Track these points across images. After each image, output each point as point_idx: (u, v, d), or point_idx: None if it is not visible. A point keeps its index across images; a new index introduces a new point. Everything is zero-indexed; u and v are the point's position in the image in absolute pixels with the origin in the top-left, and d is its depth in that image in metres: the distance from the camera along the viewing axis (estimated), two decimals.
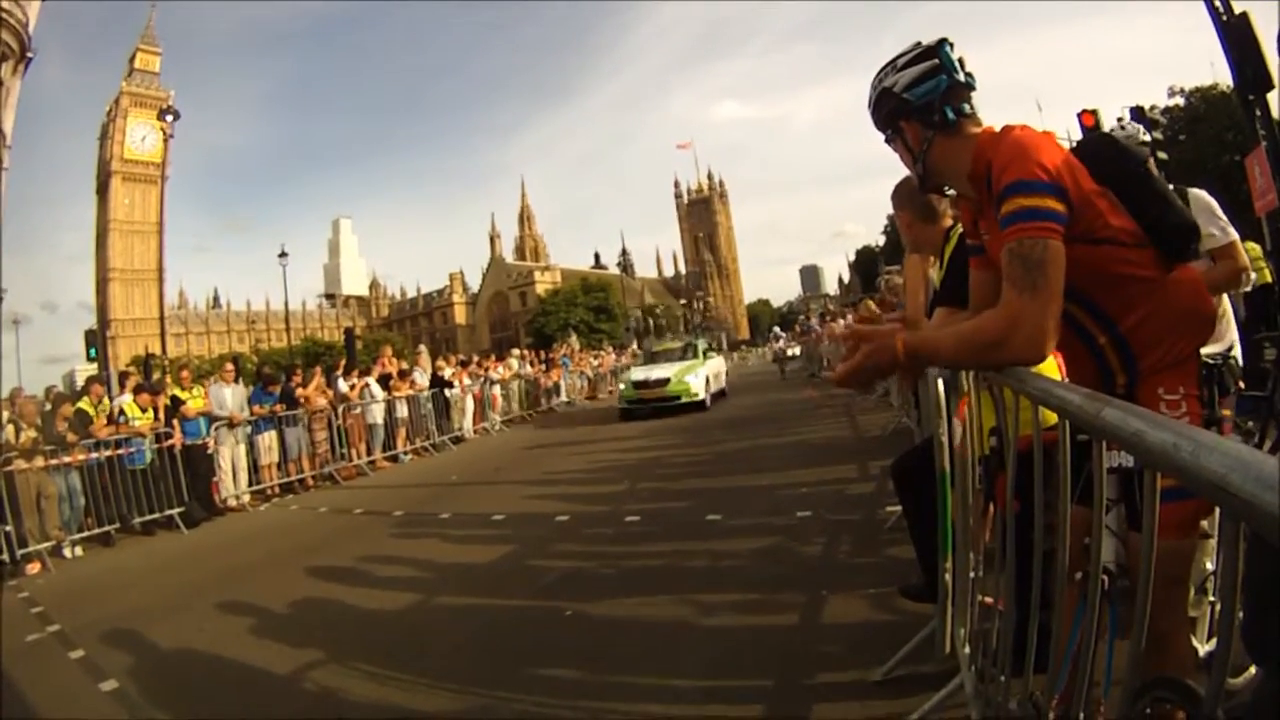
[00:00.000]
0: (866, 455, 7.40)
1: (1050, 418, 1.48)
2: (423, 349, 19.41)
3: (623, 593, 4.48)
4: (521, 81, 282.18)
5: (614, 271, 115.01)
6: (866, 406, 11.59)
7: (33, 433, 8.37)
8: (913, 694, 2.67)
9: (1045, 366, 2.28)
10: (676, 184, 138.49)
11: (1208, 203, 3.11)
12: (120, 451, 8.76)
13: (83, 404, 9.20)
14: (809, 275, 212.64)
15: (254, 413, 10.71)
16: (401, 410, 13.40)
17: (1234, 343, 3.27)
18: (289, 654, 4.05)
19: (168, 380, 12.52)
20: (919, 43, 1.84)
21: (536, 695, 3.24)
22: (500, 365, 19.23)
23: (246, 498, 10.29)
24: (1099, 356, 1.78)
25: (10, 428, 8.28)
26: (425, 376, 14.87)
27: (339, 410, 11.98)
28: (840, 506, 5.82)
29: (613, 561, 5.22)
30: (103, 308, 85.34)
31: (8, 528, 7.50)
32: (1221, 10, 9.55)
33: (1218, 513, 1.86)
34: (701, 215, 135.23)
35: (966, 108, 1.80)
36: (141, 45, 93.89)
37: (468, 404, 15.91)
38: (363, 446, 12.49)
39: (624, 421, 15.38)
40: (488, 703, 3.24)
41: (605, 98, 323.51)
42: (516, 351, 21.52)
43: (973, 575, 2.44)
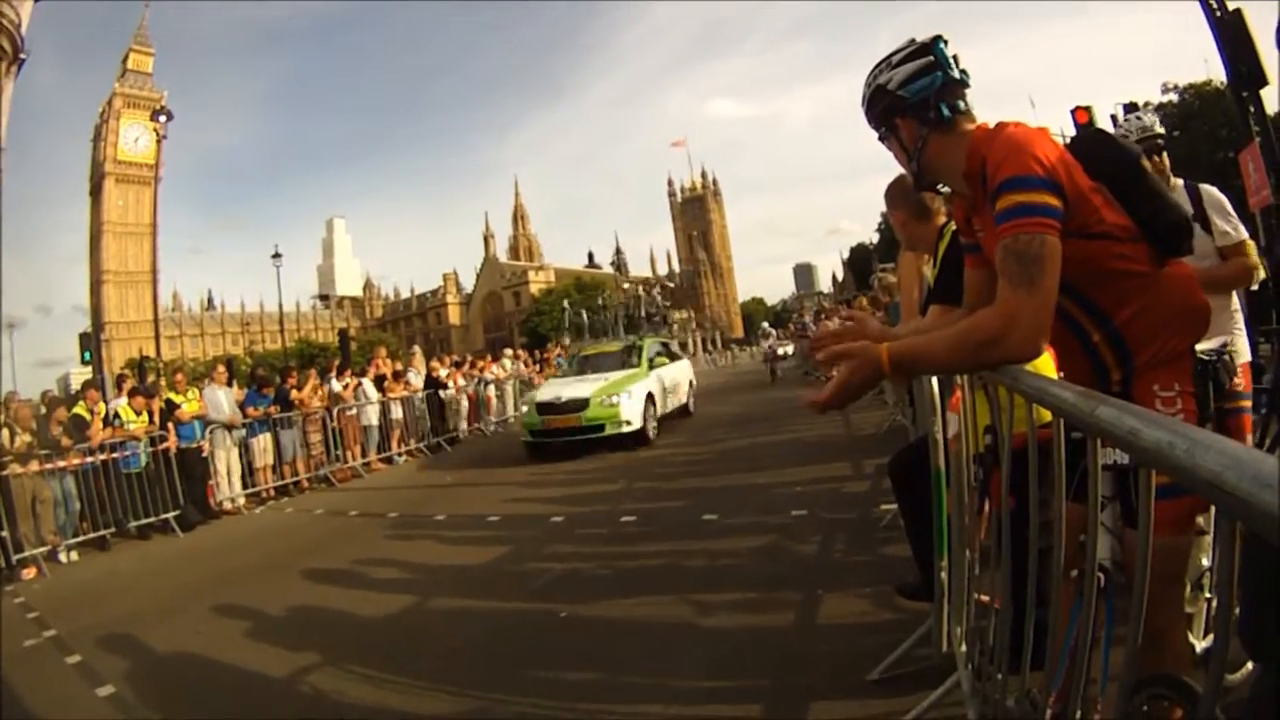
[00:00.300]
0: (861, 453, 7.41)
1: (1045, 415, 1.48)
2: (417, 350, 19.35)
3: (619, 593, 4.47)
4: (515, 81, 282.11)
5: (608, 271, 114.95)
6: (860, 404, 11.58)
7: (28, 437, 8.34)
8: (909, 692, 2.67)
9: (1040, 364, 2.29)
10: (670, 182, 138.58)
11: (1219, 199, 3.07)
12: (115, 455, 8.73)
13: (79, 409, 9.17)
14: (803, 273, 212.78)
15: (248, 415, 10.67)
16: (396, 412, 13.38)
17: (1228, 339, 3.26)
18: (285, 657, 4.04)
19: (162, 383, 12.48)
20: (913, 40, 1.83)
21: (533, 697, 3.24)
22: (495, 365, 19.19)
23: (242, 501, 10.27)
24: (1093, 353, 1.78)
25: (5, 432, 8.24)
26: (420, 377, 14.84)
27: (334, 412, 11.96)
28: (835, 505, 5.82)
29: (608, 562, 5.22)
30: (97, 310, 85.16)
31: (3, 533, 7.47)
32: (1215, 7, 9.58)
33: (1213, 509, 1.86)
34: (695, 214, 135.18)
35: (961, 105, 1.80)
36: (134, 46, 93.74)
37: (462, 404, 15.88)
38: (358, 449, 12.45)
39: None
40: (484, 704, 3.24)
41: (599, 96, 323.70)
42: (509, 352, 21.48)
43: (969, 573, 2.44)
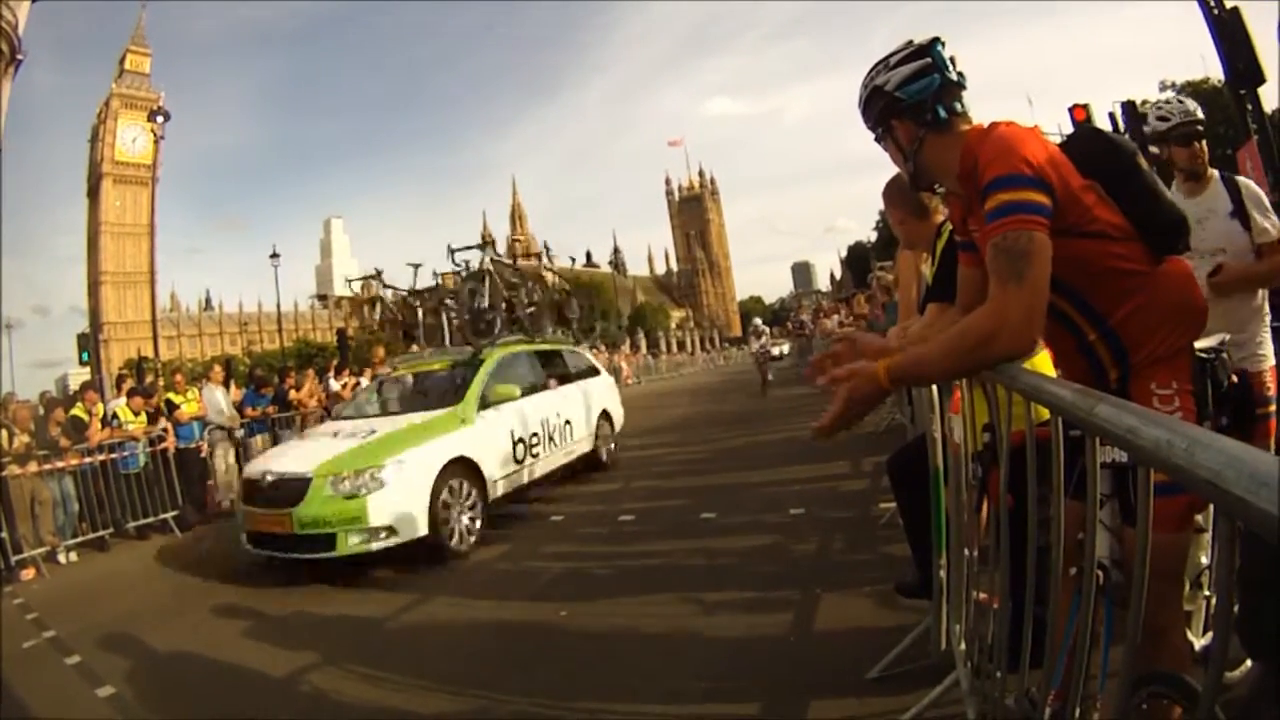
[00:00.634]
0: (859, 452, 7.40)
1: (1043, 413, 1.48)
2: (415, 349, 19.29)
3: (618, 592, 4.48)
4: (512, 79, 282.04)
5: (606, 270, 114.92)
6: None
7: (26, 438, 8.32)
8: (908, 691, 2.67)
9: (1038, 362, 2.29)
10: (668, 181, 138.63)
11: (1257, 193, 3.04)
12: (114, 455, 8.72)
13: (76, 410, 9.15)
14: (801, 272, 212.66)
15: (246, 415, 10.65)
16: None
17: (1226, 338, 3.24)
18: (285, 657, 4.04)
19: (160, 383, 12.46)
20: (910, 41, 1.83)
21: (533, 696, 3.24)
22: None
23: None
24: (1089, 352, 1.78)
25: (3, 433, 8.23)
26: None
27: (333, 411, 11.92)
28: (834, 504, 5.82)
29: (608, 561, 5.23)
30: (95, 311, 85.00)
31: (2, 534, 7.45)
32: (1213, 5, 9.59)
33: (1212, 507, 1.86)
34: (693, 212, 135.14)
35: (958, 106, 1.80)
36: (132, 46, 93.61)
37: None
38: None
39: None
40: (484, 704, 3.24)
41: (596, 95, 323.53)
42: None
43: (967, 572, 2.44)
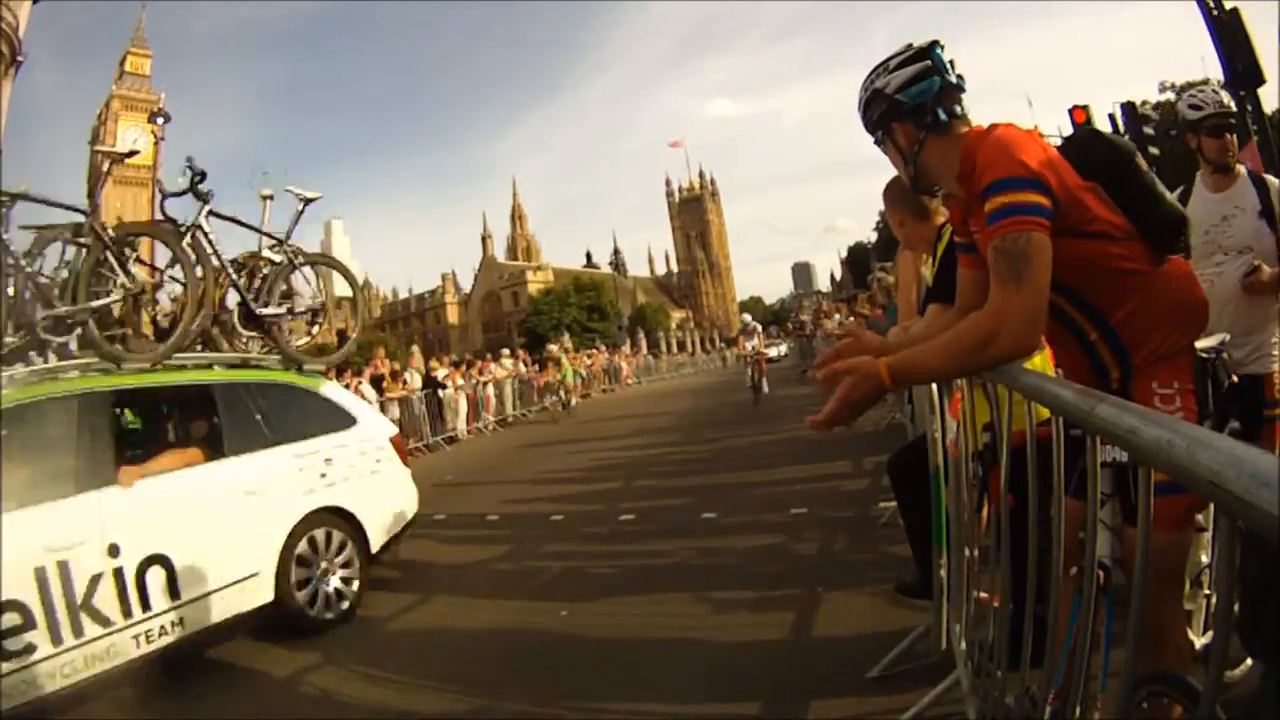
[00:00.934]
0: (860, 451, 7.40)
1: (1043, 412, 1.49)
2: (415, 350, 19.36)
3: (619, 592, 4.48)
4: (512, 80, 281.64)
5: (606, 270, 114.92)
6: None
7: None
8: (909, 690, 2.67)
9: (1038, 362, 2.29)
10: (668, 182, 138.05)
11: None
12: None
13: None
14: (801, 272, 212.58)
15: None
16: (394, 411, 13.33)
17: (1226, 338, 3.22)
18: (286, 657, 4.04)
19: None
20: (910, 44, 1.84)
21: (534, 696, 3.24)
22: (494, 365, 19.21)
23: None
24: (1091, 352, 1.79)
25: None
26: (418, 377, 14.84)
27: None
28: (834, 503, 5.82)
29: (608, 560, 5.23)
30: None
31: None
32: (1213, 6, 9.60)
33: (1212, 506, 1.87)
34: (693, 213, 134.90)
35: (958, 109, 1.81)
36: (132, 48, 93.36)
37: (461, 404, 15.87)
38: None
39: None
40: (485, 703, 3.24)
41: (596, 96, 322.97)
42: (506, 351, 21.52)
43: (968, 571, 2.45)
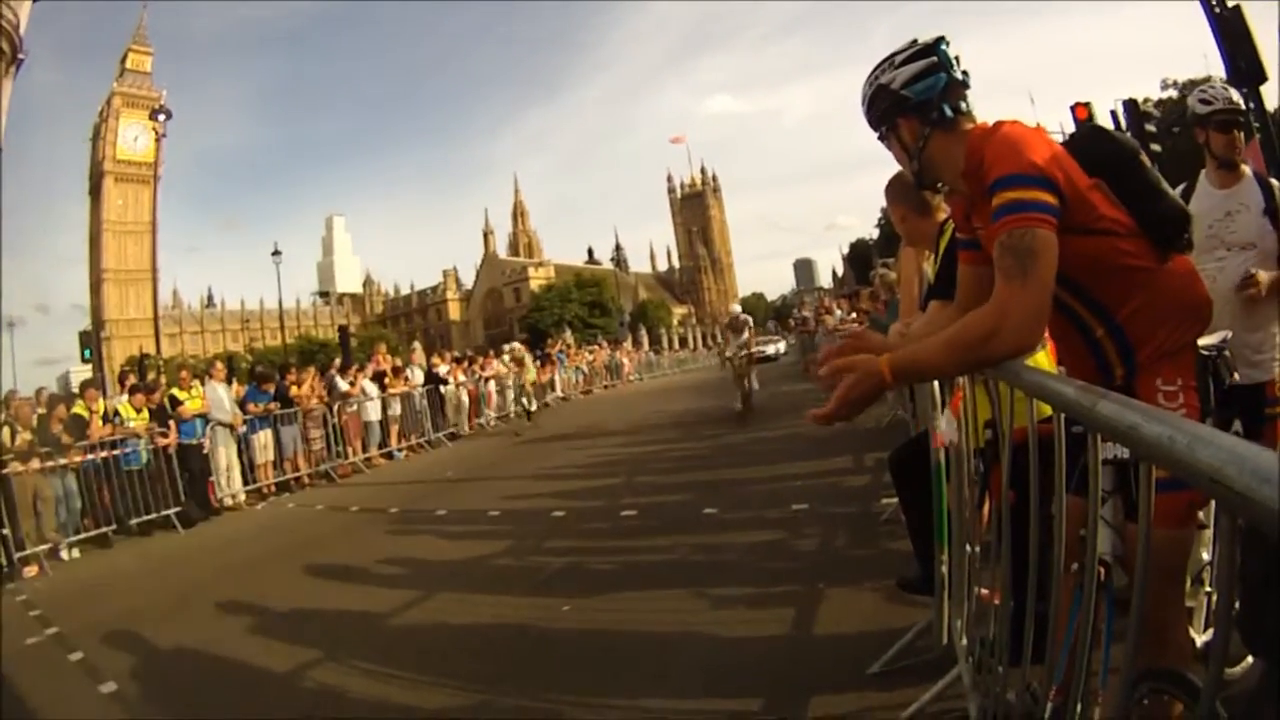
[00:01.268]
0: (861, 447, 7.40)
1: (1045, 409, 1.49)
2: (417, 346, 19.40)
3: (620, 587, 4.49)
4: (513, 76, 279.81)
5: (608, 267, 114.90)
6: None
7: (28, 435, 8.35)
8: (910, 686, 2.68)
9: (1039, 358, 2.29)
10: (670, 178, 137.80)
11: None
12: (115, 452, 8.75)
13: (78, 408, 9.18)
14: (803, 268, 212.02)
15: (249, 411, 10.68)
16: (395, 407, 13.39)
17: (1228, 335, 3.20)
18: (288, 653, 4.05)
19: (162, 380, 12.49)
20: (915, 40, 1.84)
21: (536, 691, 3.26)
22: (495, 361, 19.22)
23: (242, 497, 10.28)
24: (1096, 349, 1.79)
25: (6, 430, 8.26)
26: (420, 373, 14.86)
27: (334, 408, 11.97)
28: (836, 499, 5.82)
29: (610, 556, 5.23)
30: (97, 309, 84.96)
31: (5, 531, 7.48)
32: (1215, 3, 9.58)
33: (1213, 504, 1.87)
34: (695, 209, 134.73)
35: (963, 105, 1.81)
36: (133, 46, 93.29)
37: (463, 400, 15.89)
38: (359, 444, 12.47)
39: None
40: (487, 699, 3.25)
41: (597, 93, 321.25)
42: (508, 347, 21.52)
43: (969, 567, 2.45)
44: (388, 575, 5.44)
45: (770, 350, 28.93)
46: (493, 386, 17.59)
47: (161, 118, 25.86)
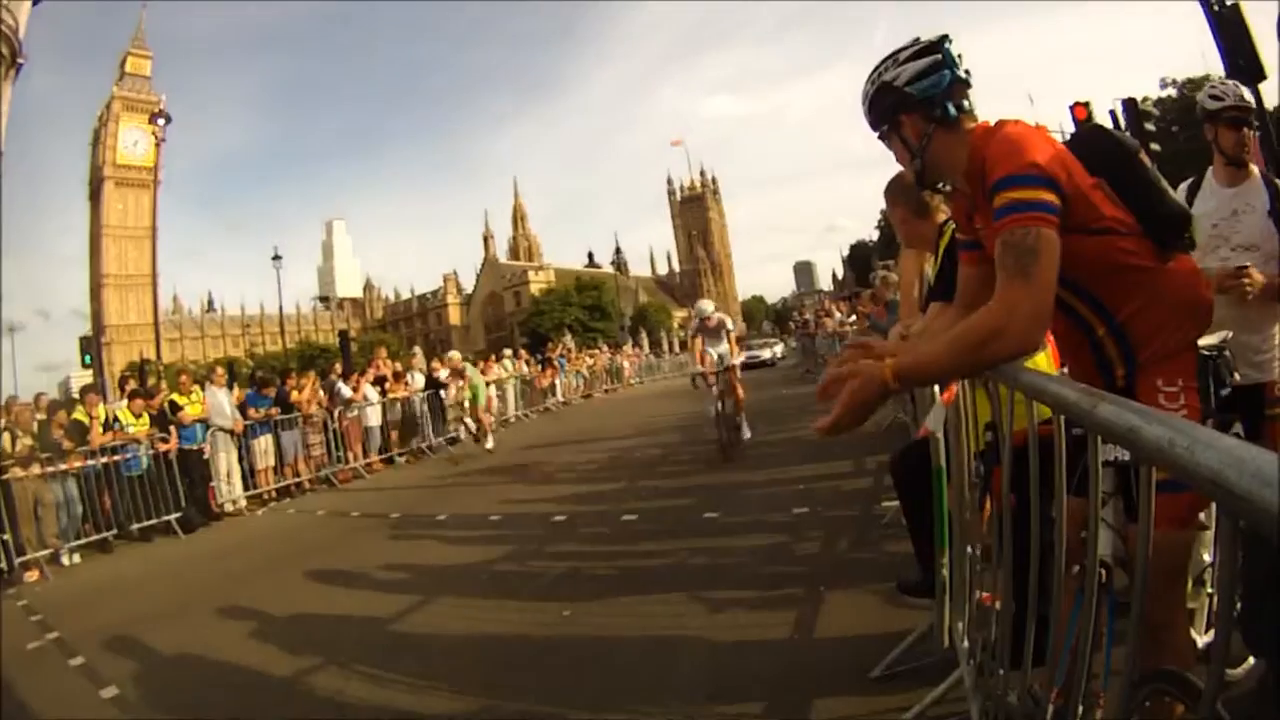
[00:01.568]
0: (862, 450, 7.39)
1: (1045, 411, 1.48)
2: (417, 350, 19.37)
3: (621, 592, 4.48)
4: (512, 78, 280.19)
5: (608, 270, 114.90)
6: None
7: (29, 440, 8.35)
8: (912, 689, 2.67)
9: (1039, 360, 2.29)
10: (669, 181, 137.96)
11: None
12: (116, 458, 8.75)
13: (78, 414, 9.18)
14: (803, 271, 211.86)
15: (249, 416, 10.68)
16: (396, 412, 13.36)
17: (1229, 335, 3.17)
18: (289, 658, 4.05)
19: (163, 385, 12.49)
20: (917, 38, 1.83)
21: (536, 696, 3.25)
22: (496, 365, 19.22)
23: (243, 502, 10.27)
24: (1098, 349, 1.79)
25: (6, 436, 8.26)
26: (420, 378, 14.85)
27: (335, 413, 11.97)
28: (837, 502, 5.82)
29: (611, 561, 5.23)
30: (97, 314, 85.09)
31: (5, 536, 7.48)
32: (1213, 1, 9.58)
33: (1214, 505, 1.86)
34: (694, 212, 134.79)
35: (965, 104, 1.81)
36: (132, 49, 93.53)
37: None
38: (359, 449, 12.47)
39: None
40: (487, 704, 3.25)
41: (596, 94, 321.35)
42: (508, 351, 21.52)
43: (970, 570, 2.45)
44: (388, 580, 5.43)
45: (766, 355, 27.23)
46: (493, 391, 17.54)
47: (161, 122, 25.82)
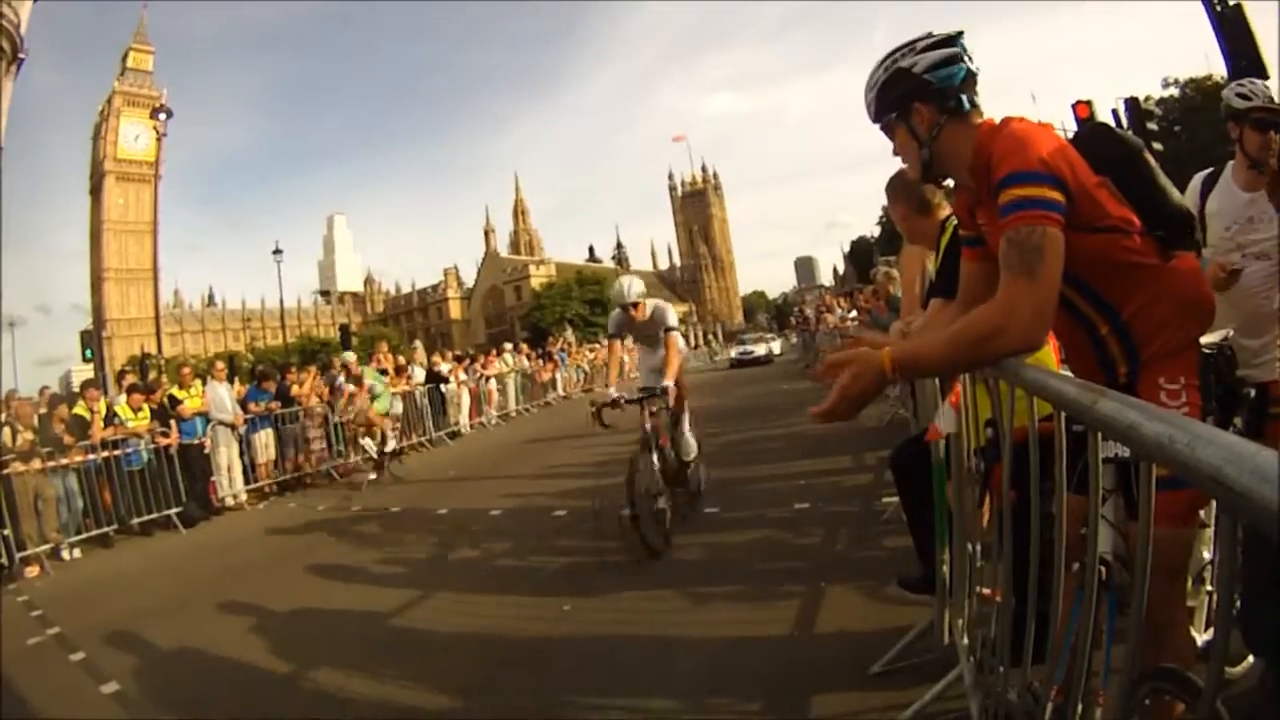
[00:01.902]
0: (863, 446, 7.39)
1: (1045, 408, 1.48)
2: (418, 344, 19.41)
3: (621, 587, 4.48)
4: (514, 74, 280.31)
5: (609, 265, 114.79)
6: None
7: (29, 435, 8.35)
8: (912, 686, 2.68)
9: (1041, 356, 2.29)
10: (671, 176, 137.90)
11: None
12: (117, 453, 8.75)
13: (79, 409, 9.19)
14: (804, 267, 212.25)
15: (250, 411, 10.69)
16: (397, 406, 13.34)
17: (1230, 333, 3.15)
18: (289, 653, 4.06)
19: (164, 380, 12.49)
20: (930, 33, 1.82)
21: (536, 691, 3.25)
22: (497, 360, 19.23)
23: (244, 497, 10.28)
24: (1101, 347, 1.78)
25: (6, 430, 8.26)
26: (421, 372, 14.86)
27: (335, 408, 11.96)
28: (837, 498, 5.82)
29: (611, 556, 5.22)
30: (98, 308, 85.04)
31: (6, 531, 7.48)
32: (1216, 1, 9.56)
33: (1214, 503, 1.86)
34: (696, 208, 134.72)
35: (976, 99, 1.80)
36: (134, 45, 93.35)
37: (464, 399, 15.89)
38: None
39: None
40: (488, 699, 3.25)
41: (598, 91, 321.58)
42: (509, 346, 21.52)
43: (971, 566, 2.44)
44: (389, 575, 5.44)
45: (760, 351, 25.51)
46: (494, 385, 17.58)
47: (162, 117, 25.82)
